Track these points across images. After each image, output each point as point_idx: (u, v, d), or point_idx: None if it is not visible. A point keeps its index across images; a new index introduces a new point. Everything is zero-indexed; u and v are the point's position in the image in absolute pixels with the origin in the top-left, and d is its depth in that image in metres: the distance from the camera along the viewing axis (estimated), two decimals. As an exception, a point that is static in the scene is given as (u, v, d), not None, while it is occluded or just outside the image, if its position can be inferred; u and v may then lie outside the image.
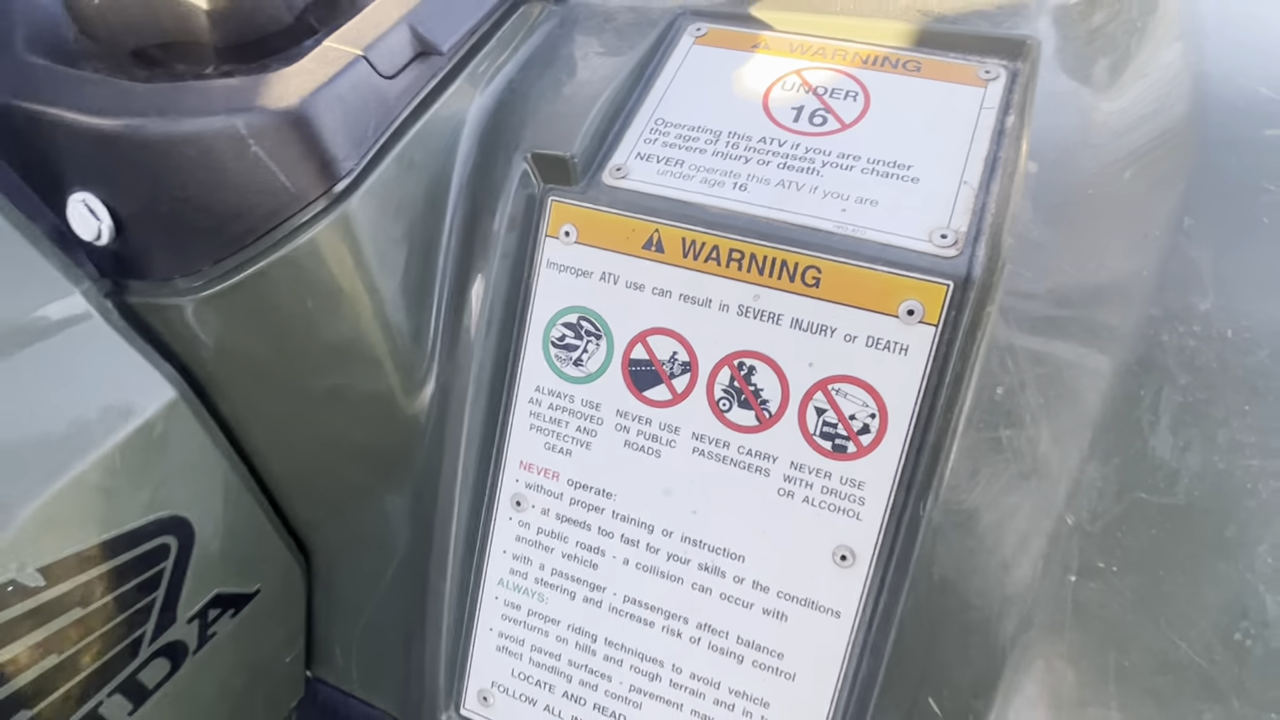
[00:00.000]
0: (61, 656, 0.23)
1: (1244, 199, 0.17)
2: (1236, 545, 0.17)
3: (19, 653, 0.21)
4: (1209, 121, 0.18)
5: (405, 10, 0.24)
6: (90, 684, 0.23)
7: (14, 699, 0.22)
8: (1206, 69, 0.19)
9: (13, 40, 0.23)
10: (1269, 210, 0.17)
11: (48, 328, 0.22)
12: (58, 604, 0.22)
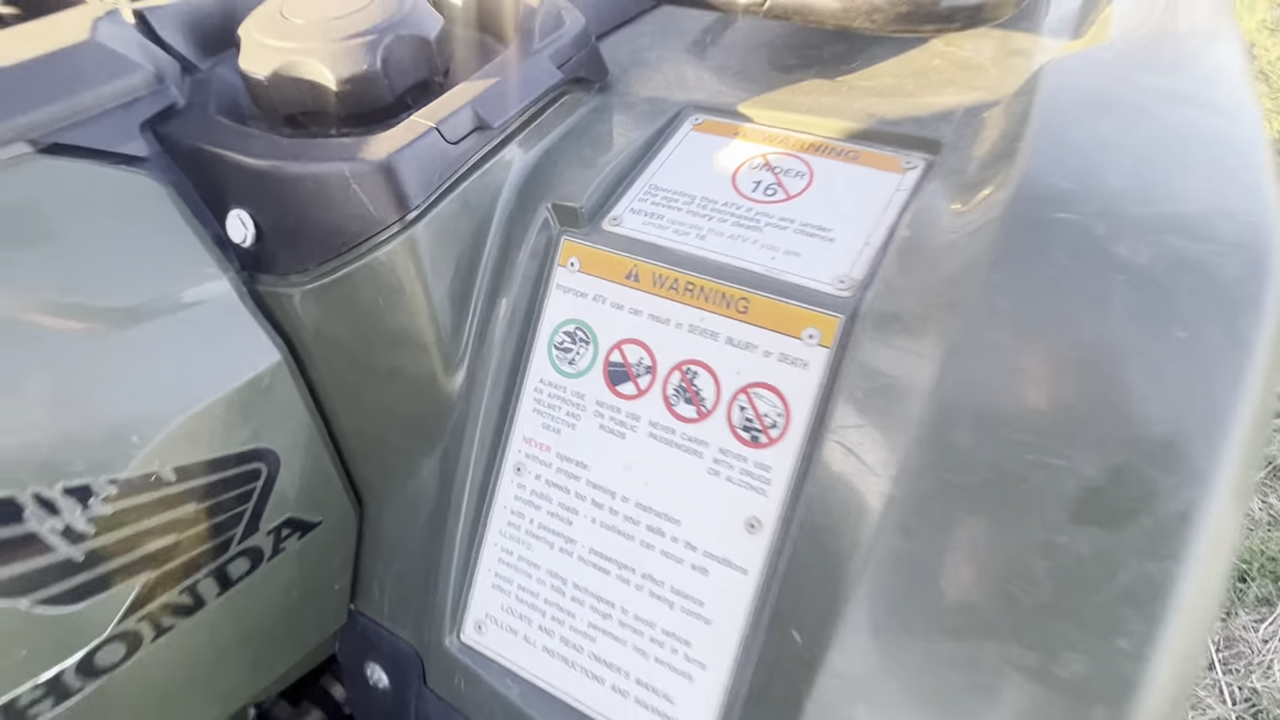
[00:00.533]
0: (179, 537, 0.31)
1: (1034, 261, 0.23)
2: (1012, 518, 0.22)
3: (151, 527, 0.30)
4: (1017, 205, 0.24)
5: (472, 96, 0.33)
6: (193, 564, 0.32)
7: (140, 562, 0.30)
8: (1030, 166, 0.25)
9: (207, 104, 0.33)
10: (1052, 268, 0.23)
11: (204, 300, 0.31)
12: (182, 497, 0.31)
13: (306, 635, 0.38)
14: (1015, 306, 0.23)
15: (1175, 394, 0.22)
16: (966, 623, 0.23)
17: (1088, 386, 0.23)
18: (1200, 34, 0.34)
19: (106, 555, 0.29)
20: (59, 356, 0.28)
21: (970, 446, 0.23)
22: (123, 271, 0.30)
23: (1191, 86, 0.29)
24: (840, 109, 0.34)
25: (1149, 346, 0.22)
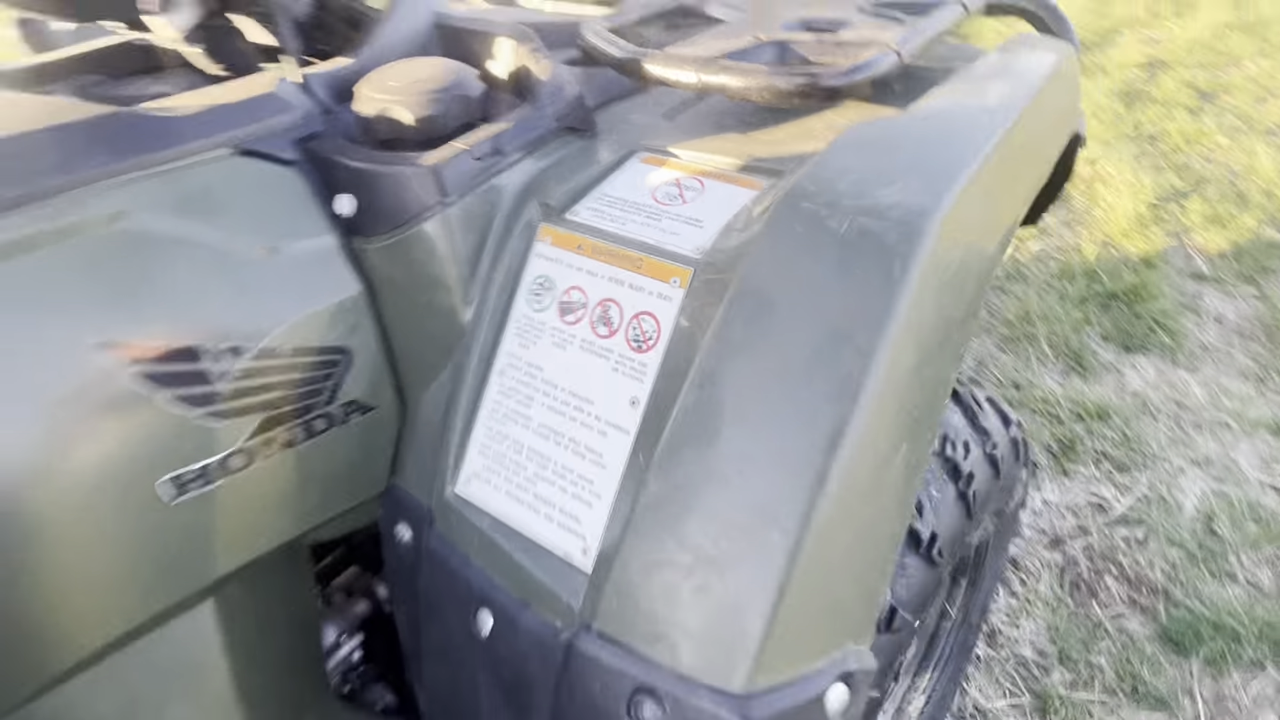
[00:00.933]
0: (285, 394, 0.49)
1: (783, 229, 0.39)
2: (760, 368, 0.38)
3: (269, 383, 0.48)
4: (782, 197, 0.40)
5: (495, 132, 0.51)
6: (291, 415, 0.50)
7: (260, 405, 0.48)
8: (798, 177, 0.41)
9: (335, 131, 0.53)
10: (792, 233, 0.39)
11: (319, 249, 0.50)
12: (290, 367, 0.49)
13: (358, 489, 0.56)
14: (769, 255, 0.39)
15: (852, 306, 0.37)
16: (722, 440, 0.38)
17: (785, 296, 0.38)
18: (988, 97, 0.49)
19: (242, 394, 0.47)
20: (238, 271, 0.47)
21: (732, 331, 0.39)
22: (277, 228, 0.49)
23: (942, 130, 0.44)
24: (739, 151, 0.51)
25: (841, 281, 0.38)
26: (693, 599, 0.39)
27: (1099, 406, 1.56)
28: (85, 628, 0.46)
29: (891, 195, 0.39)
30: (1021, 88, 0.53)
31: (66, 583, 0.44)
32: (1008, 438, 0.79)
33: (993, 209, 0.45)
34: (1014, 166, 0.48)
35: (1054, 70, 0.58)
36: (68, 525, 0.43)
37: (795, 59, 0.54)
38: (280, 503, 0.52)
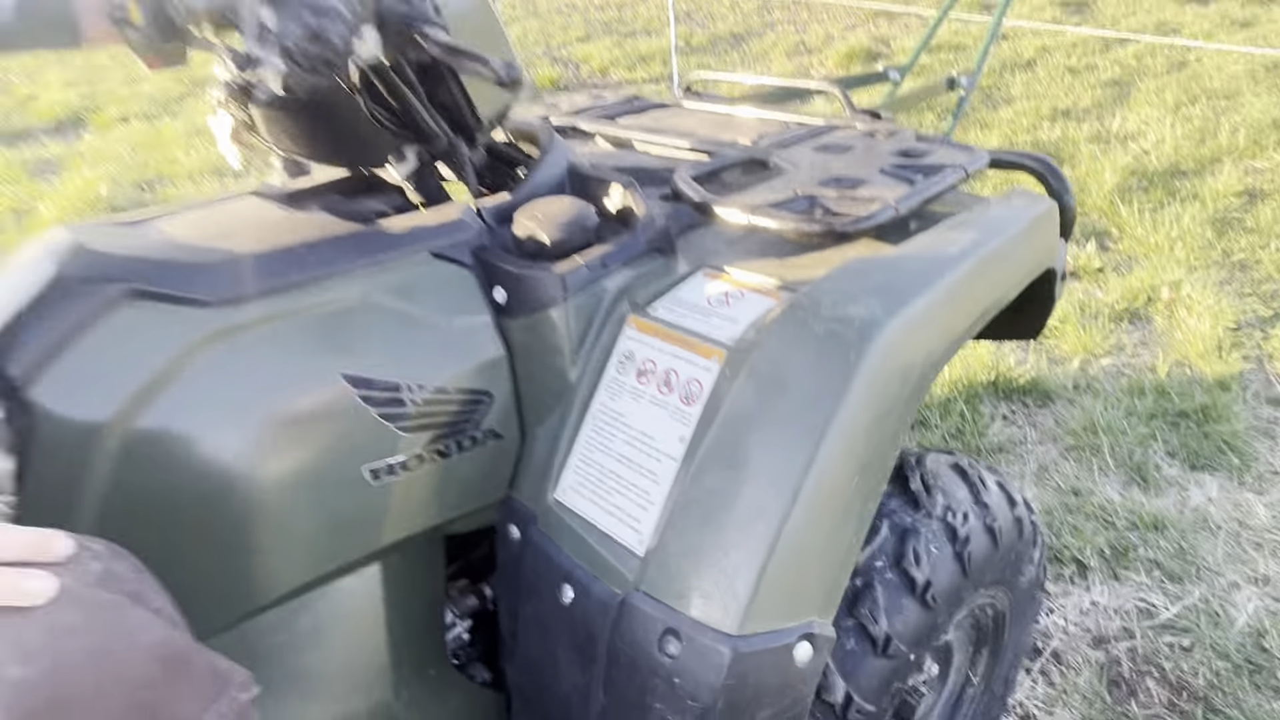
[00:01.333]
0: (448, 419, 0.72)
1: (780, 323, 0.59)
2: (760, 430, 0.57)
3: (438, 410, 0.71)
4: (787, 305, 0.60)
5: (603, 252, 0.74)
6: (449, 433, 0.72)
7: (432, 425, 0.71)
8: (795, 295, 0.61)
9: (496, 244, 0.77)
10: (783, 329, 0.59)
11: (480, 323, 0.74)
12: (453, 400, 0.72)
13: (486, 494, 0.77)
14: (773, 345, 0.59)
15: (821, 382, 0.57)
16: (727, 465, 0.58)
17: (779, 373, 0.58)
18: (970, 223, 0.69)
19: (423, 416, 0.70)
20: (429, 334, 0.71)
21: (745, 393, 0.59)
22: (456, 308, 0.73)
23: (908, 265, 0.64)
24: (773, 273, 0.72)
25: (816, 365, 0.57)
26: (705, 570, 0.57)
27: (1156, 518, 1.62)
28: (307, 561, 0.69)
29: (857, 310, 0.59)
30: (989, 235, 0.72)
31: (302, 526, 0.67)
32: (1011, 516, 0.93)
33: (939, 323, 0.63)
34: (965, 294, 0.66)
35: (1027, 221, 0.77)
36: (309, 487, 0.66)
37: (821, 209, 0.76)
38: (435, 496, 0.74)
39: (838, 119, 1.05)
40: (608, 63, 5.35)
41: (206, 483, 0.63)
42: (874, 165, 0.85)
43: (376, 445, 0.69)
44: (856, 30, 5.84)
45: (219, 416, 0.63)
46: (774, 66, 5.11)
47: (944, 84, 1.48)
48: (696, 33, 6.05)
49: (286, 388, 0.65)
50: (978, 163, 0.85)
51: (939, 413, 1.94)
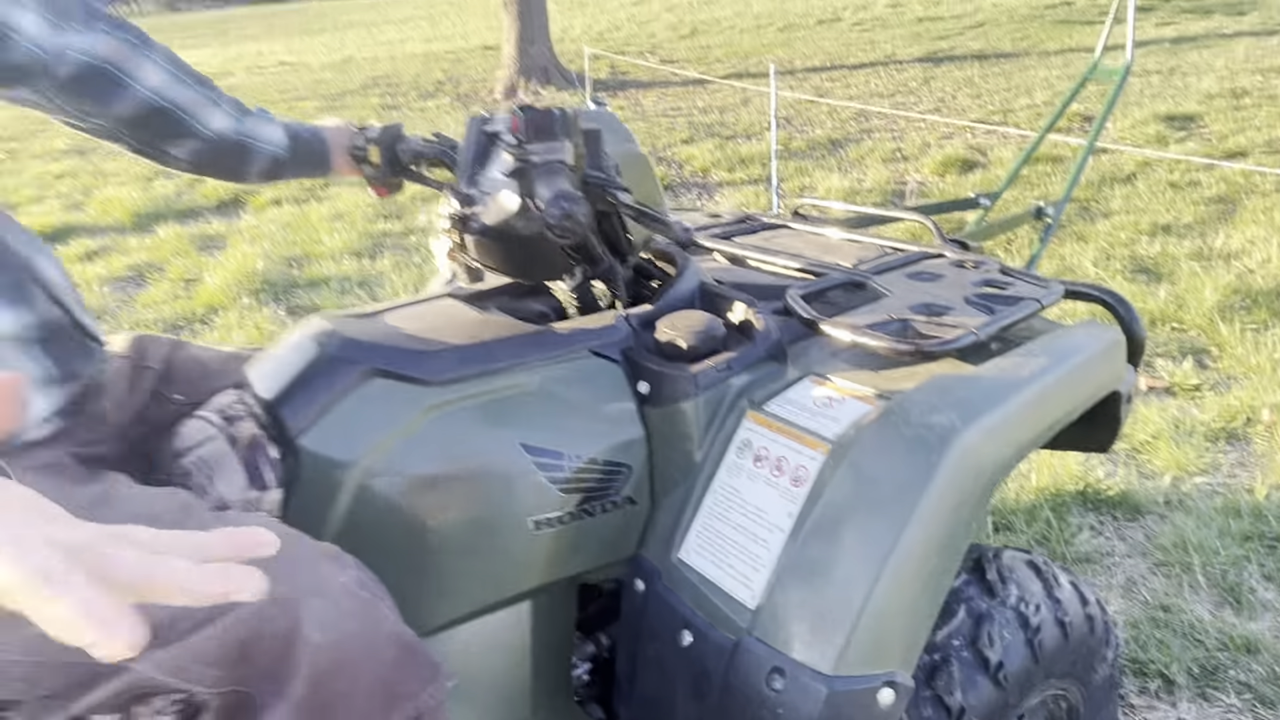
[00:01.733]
0: (593, 485, 0.89)
1: (877, 424, 0.74)
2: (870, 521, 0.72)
3: (588, 478, 0.88)
4: (882, 411, 0.75)
5: (729, 358, 0.91)
6: (592, 497, 0.89)
7: (582, 489, 0.88)
8: (882, 404, 0.75)
9: (642, 345, 0.95)
10: (881, 430, 0.73)
11: (627, 409, 0.91)
12: (597, 471, 0.89)
13: (618, 551, 0.93)
14: (868, 443, 0.74)
15: (906, 476, 0.71)
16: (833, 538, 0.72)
17: (873, 466, 0.73)
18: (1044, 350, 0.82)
19: (576, 480, 0.88)
20: (587, 415, 0.89)
21: (845, 480, 0.74)
22: (607, 395, 0.91)
23: (983, 384, 0.78)
24: (870, 383, 0.87)
25: (903, 462, 0.72)
26: (807, 621, 0.71)
27: (1250, 640, 1.62)
28: (477, 590, 0.86)
29: (939, 419, 0.73)
30: (1058, 360, 0.85)
31: (479, 560, 0.84)
32: (1083, 612, 1.02)
33: (1009, 434, 0.77)
34: (1033, 410, 0.80)
35: (1093, 349, 0.90)
36: (489, 529, 0.84)
37: (912, 331, 0.91)
38: (579, 548, 0.90)
39: (929, 247, 1.21)
40: (709, 164, 5.68)
41: (412, 518, 0.82)
42: (959, 294, 1.00)
43: (540, 500, 0.86)
44: (953, 140, 6.01)
45: (430, 468, 0.82)
46: (870, 172, 5.31)
47: (1031, 213, 1.61)
48: (795, 138, 6.35)
49: (480, 450, 0.84)
50: (1053, 296, 0.99)
51: (1024, 519, 1.99)
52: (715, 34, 14.64)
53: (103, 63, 0.91)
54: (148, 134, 1.00)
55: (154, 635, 0.60)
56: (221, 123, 1.03)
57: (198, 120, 1.01)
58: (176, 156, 1.03)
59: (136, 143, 1.01)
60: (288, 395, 0.82)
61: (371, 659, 0.65)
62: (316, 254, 4.19)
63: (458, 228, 0.94)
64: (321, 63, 13.81)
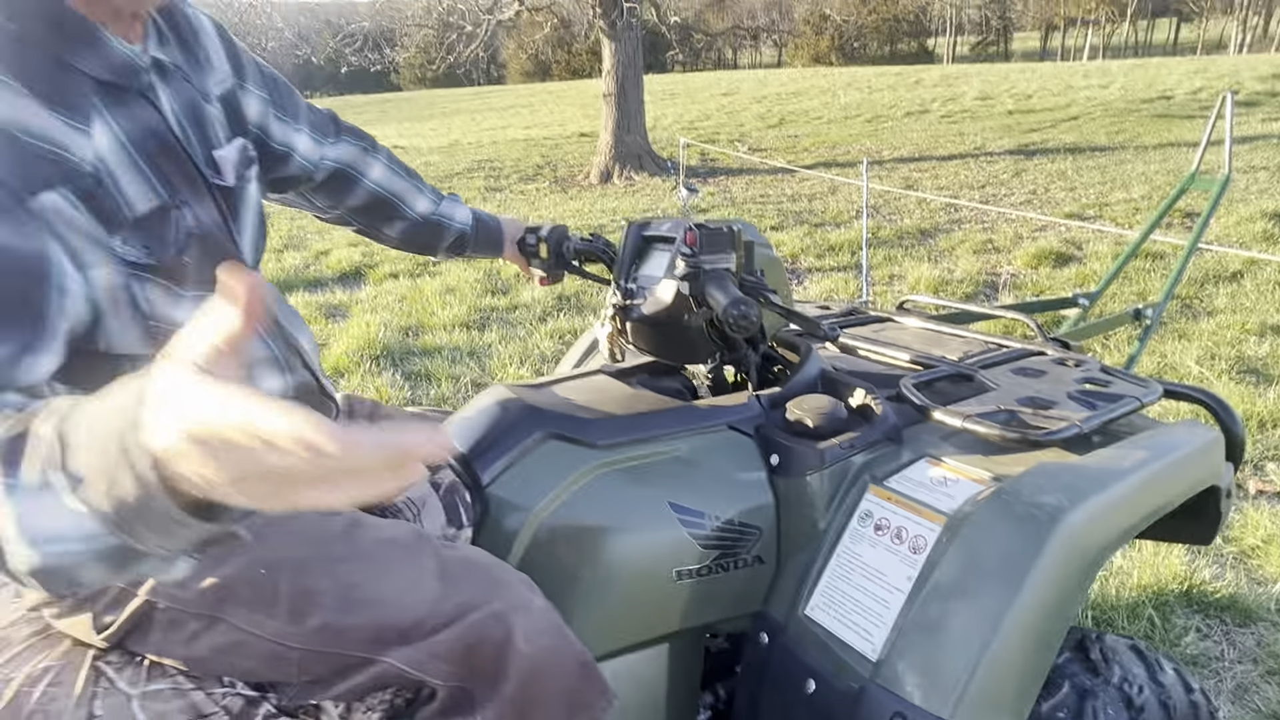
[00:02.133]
0: (731, 544, 1.01)
1: (986, 508, 0.84)
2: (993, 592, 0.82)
3: (723, 537, 1.01)
4: (995, 490, 0.86)
5: (851, 438, 1.03)
6: (727, 555, 1.01)
7: (719, 549, 1.01)
8: (999, 485, 0.86)
9: (774, 424, 1.09)
10: (989, 511, 0.84)
11: (760, 477, 1.04)
12: (732, 532, 1.01)
13: (743, 606, 1.04)
14: (982, 518, 0.85)
15: (1018, 548, 0.82)
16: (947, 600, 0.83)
17: (986, 539, 0.83)
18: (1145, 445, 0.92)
19: (715, 538, 1.00)
20: (724, 482, 1.02)
21: (960, 550, 0.84)
22: (743, 466, 1.04)
23: (1088, 473, 0.88)
24: (981, 464, 0.98)
25: (1014, 536, 0.82)
26: (927, 672, 0.81)
27: (1372, 757, 1.57)
28: (625, 630, 0.98)
29: (1048, 500, 0.83)
30: (1156, 454, 0.94)
31: (627, 603, 0.97)
32: (1187, 699, 1.07)
33: (1110, 518, 0.86)
34: (1132, 499, 0.89)
35: (1191, 447, 0.98)
36: (638, 575, 0.97)
37: (1019, 422, 1.01)
38: (712, 599, 1.02)
39: (1031, 344, 1.31)
40: (798, 250, 5.85)
41: (575, 560, 0.96)
42: (1063, 389, 1.10)
43: (682, 554, 0.99)
44: (1047, 232, 6.02)
45: (592, 519, 0.97)
46: (961, 263, 5.37)
47: (1129, 315, 1.68)
48: (884, 226, 6.48)
49: (634, 506, 0.98)
50: (1152, 395, 1.08)
51: (1126, 615, 1.98)
52: (803, 124, 15.10)
53: (346, 166, 1.14)
54: (369, 218, 1.22)
55: (403, 639, 0.75)
56: (424, 206, 1.25)
57: (407, 205, 1.23)
58: (388, 235, 1.26)
59: (359, 225, 1.24)
60: (480, 450, 0.99)
61: (562, 670, 0.78)
62: (430, 325, 4.51)
63: (619, 316, 1.11)
64: (431, 146, 14.87)
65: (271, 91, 0.99)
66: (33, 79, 0.67)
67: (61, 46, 0.69)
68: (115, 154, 0.70)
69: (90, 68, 0.71)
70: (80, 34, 0.71)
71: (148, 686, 0.77)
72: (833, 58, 42.09)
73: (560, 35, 21.01)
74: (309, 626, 0.75)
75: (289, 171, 1.06)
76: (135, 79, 0.75)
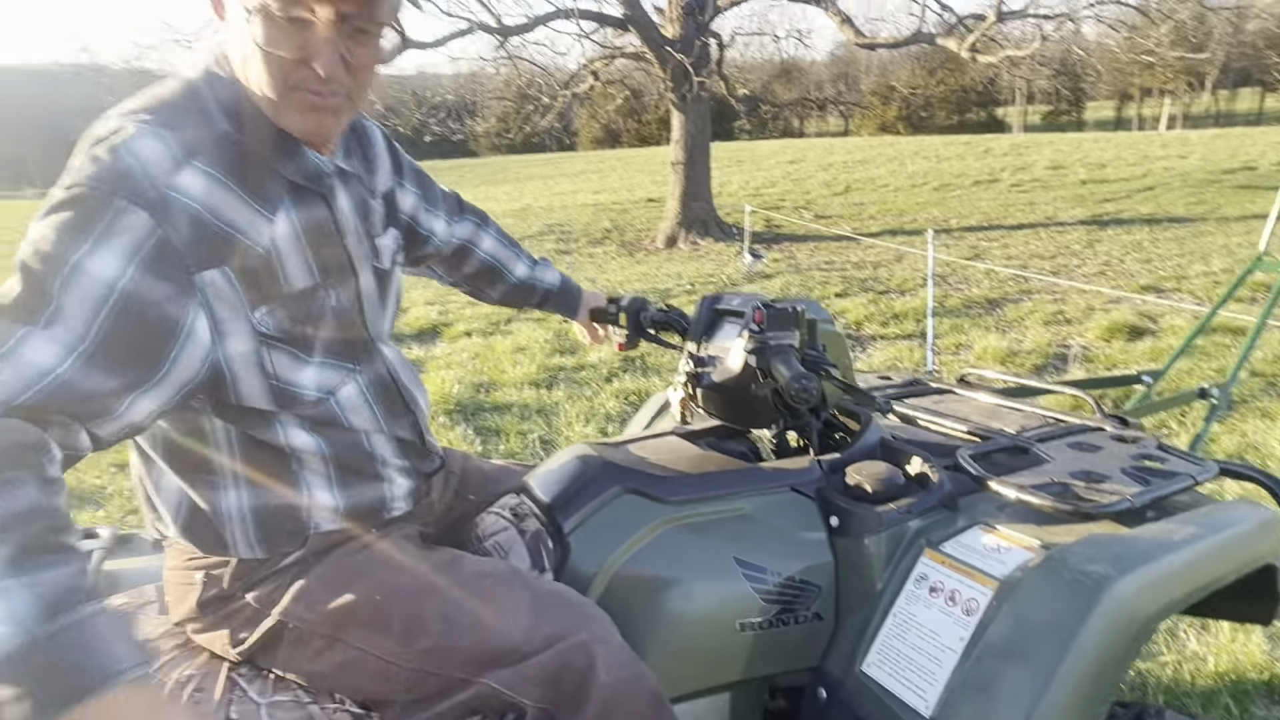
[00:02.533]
0: (789, 601, 1.08)
1: (1032, 576, 0.90)
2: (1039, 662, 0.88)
3: (777, 589, 1.08)
4: (1044, 558, 0.91)
5: (907, 503, 1.10)
6: (786, 611, 1.08)
7: (782, 603, 1.07)
8: (1040, 555, 0.91)
9: (833, 489, 1.16)
10: (1039, 577, 0.89)
11: (819, 536, 1.11)
12: (785, 589, 1.08)
13: (803, 659, 1.10)
14: (1033, 582, 0.90)
15: (1065, 611, 0.87)
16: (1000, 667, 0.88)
17: (1036, 602, 0.88)
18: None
19: (778, 592, 1.07)
20: (788, 540, 1.09)
21: (1011, 613, 0.89)
22: (804, 525, 1.12)
23: (1136, 546, 0.92)
24: (1031, 533, 1.03)
25: (1062, 600, 0.87)
26: (979, 728, 0.86)
27: None
28: (691, 677, 1.05)
29: (1096, 569, 0.88)
30: (1207, 530, 0.98)
31: (694, 651, 1.04)
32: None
33: (1158, 589, 0.90)
34: (1181, 572, 0.92)
35: (1245, 525, 1.02)
36: (705, 623, 1.04)
37: (1071, 494, 1.06)
38: (772, 651, 1.09)
39: (1090, 419, 1.35)
40: (863, 318, 5.89)
41: (645, 606, 1.04)
42: (1117, 465, 1.14)
43: (745, 606, 1.06)
44: (1120, 305, 5.91)
45: (662, 569, 1.05)
46: (1030, 334, 5.32)
47: (1195, 394, 1.69)
48: (951, 295, 6.46)
49: (702, 559, 1.06)
50: (1207, 474, 1.11)
51: (1200, 702, 1.93)
52: (869, 192, 15.22)
53: (466, 241, 1.31)
54: (478, 283, 1.39)
55: (499, 662, 0.85)
56: (522, 271, 1.42)
57: (509, 270, 1.40)
58: (490, 295, 1.43)
59: (468, 288, 1.41)
60: (562, 502, 1.09)
61: (638, 701, 0.86)
62: (501, 382, 4.69)
63: (691, 383, 1.21)
64: (504, 209, 15.52)
65: (421, 186, 1.18)
66: (239, 176, 0.84)
67: (270, 154, 0.86)
68: (288, 240, 0.86)
69: (288, 172, 0.88)
70: (286, 148, 0.88)
71: (273, 698, 0.88)
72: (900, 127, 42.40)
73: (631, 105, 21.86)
74: (418, 648, 0.85)
75: (426, 251, 1.23)
76: (320, 183, 0.92)
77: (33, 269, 0.72)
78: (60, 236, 0.73)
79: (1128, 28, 10.38)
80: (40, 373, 0.70)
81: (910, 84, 36.15)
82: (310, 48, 0.81)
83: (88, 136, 0.79)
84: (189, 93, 0.85)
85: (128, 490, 3.31)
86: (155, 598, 1.03)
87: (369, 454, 0.98)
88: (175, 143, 0.80)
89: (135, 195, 0.76)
